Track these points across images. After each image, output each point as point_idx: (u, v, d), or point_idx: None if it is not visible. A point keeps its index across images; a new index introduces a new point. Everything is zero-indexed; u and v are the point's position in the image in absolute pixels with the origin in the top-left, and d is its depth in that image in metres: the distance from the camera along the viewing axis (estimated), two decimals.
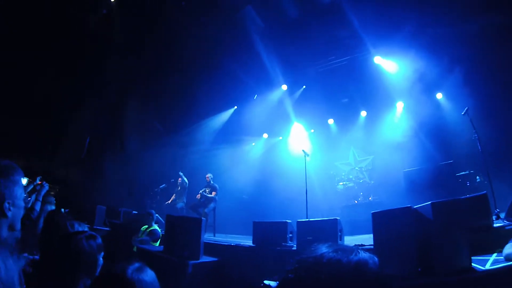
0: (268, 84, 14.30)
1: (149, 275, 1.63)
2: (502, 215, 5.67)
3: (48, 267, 2.28)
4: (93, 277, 2.07)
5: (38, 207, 5.31)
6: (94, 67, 13.22)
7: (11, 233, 1.90)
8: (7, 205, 1.73)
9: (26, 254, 3.42)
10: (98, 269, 2.27)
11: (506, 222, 5.22)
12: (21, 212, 1.88)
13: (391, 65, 12.29)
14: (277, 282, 1.08)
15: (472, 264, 3.84)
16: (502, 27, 9.33)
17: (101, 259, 2.31)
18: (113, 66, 13.46)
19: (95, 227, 9.49)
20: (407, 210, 4.37)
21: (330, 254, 0.99)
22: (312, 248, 1.05)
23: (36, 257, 3.43)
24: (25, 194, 5.53)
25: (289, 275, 1.01)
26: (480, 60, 9.96)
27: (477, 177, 8.81)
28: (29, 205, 5.26)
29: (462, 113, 7.54)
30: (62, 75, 12.74)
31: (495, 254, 4.24)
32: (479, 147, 7.16)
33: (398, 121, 12.94)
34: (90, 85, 13.59)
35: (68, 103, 13.48)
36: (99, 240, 2.34)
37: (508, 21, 9.16)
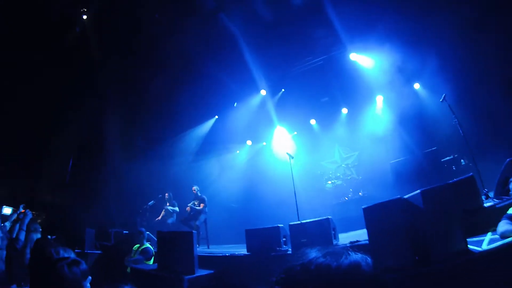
0: (248, 89, 14.34)
1: None
2: (491, 194, 5.73)
3: None
4: None
5: (22, 236, 5.17)
6: (72, 84, 13.00)
7: None
8: None
9: (14, 286, 3.32)
10: None
11: (496, 201, 5.27)
12: None
13: (367, 60, 12.46)
14: None
15: (468, 246, 3.84)
16: (472, 17, 9.56)
17: (87, 285, 2.20)
18: (91, 82, 13.29)
19: (86, 251, 9.28)
20: (397, 201, 4.36)
21: (319, 259, 0.93)
22: (300, 255, 0.99)
23: (26, 287, 3.32)
24: (10, 223, 5.38)
25: (275, 286, 0.95)
26: (453, 48, 10.22)
27: (462, 161, 8.94)
28: (14, 236, 5.12)
29: (440, 100, 7.65)
30: (41, 96, 12.45)
31: (489, 234, 4.27)
32: (460, 131, 7.26)
33: (379, 114, 13.06)
34: (68, 105, 13.34)
35: (47, 126, 13.19)
36: (84, 266, 2.24)
37: (476, 11, 9.40)
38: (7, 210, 7.66)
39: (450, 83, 9.81)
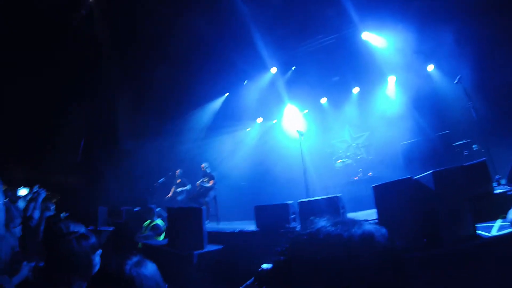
0: (258, 67, 14.18)
1: (149, 268, 1.57)
2: (503, 181, 5.68)
3: (49, 272, 2.24)
4: (88, 278, 2.01)
5: (36, 215, 5.32)
6: (82, 67, 13.04)
7: (5, 241, 1.86)
8: None
9: (25, 262, 3.39)
10: (94, 270, 2.21)
11: (508, 188, 5.22)
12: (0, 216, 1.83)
13: (380, 39, 12.21)
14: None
15: (477, 231, 3.84)
16: None
17: (96, 259, 2.26)
18: (101, 63, 13.30)
19: (99, 228, 9.48)
20: (407, 181, 4.34)
21: (328, 228, 0.86)
22: (308, 224, 0.92)
23: (40, 263, 3.41)
24: (25, 203, 5.51)
25: (280, 257, 0.91)
26: (471, 28, 9.87)
27: (474, 146, 8.81)
28: (28, 214, 5.26)
29: (455, 82, 7.52)
30: (51, 79, 12.54)
31: (499, 220, 4.24)
32: (474, 115, 7.16)
33: (391, 95, 12.91)
34: (79, 86, 13.42)
35: (59, 107, 13.32)
36: (93, 240, 2.29)
37: None
38: (23, 192, 7.85)
39: (466, 64, 9.54)
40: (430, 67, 11.84)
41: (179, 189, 11.82)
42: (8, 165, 11.53)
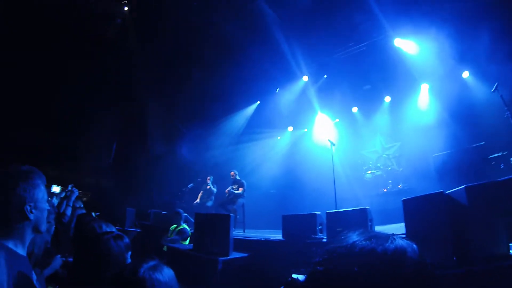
0: (290, 75, 14.24)
1: (165, 273, 1.60)
2: None
3: (80, 268, 2.32)
4: None
5: (68, 212, 5.51)
6: (117, 72, 13.47)
7: (40, 236, 1.94)
8: (28, 207, 1.76)
9: (59, 256, 3.51)
10: None
11: None
12: (44, 214, 1.91)
13: (411, 46, 11.94)
14: (305, 275, 0.99)
15: (511, 251, 3.67)
16: None
17: (129, 258, 2.33)
18: (134, 70, 13.68)
19: (126, 229, 9.72)
20: (439, 196, 4.22)
21: (363, 242, 0.90)
22: (342, 237, 0.96)
23: (70, 259, 3.53)
24: (57, 200, 5.73)
25: (318, 267, 0.92)
26: (506, 33, 9.49)
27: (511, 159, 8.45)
28: (61, 211, 5.46)
29: (492, 90, 7.28)
30: (87, 84, 13.03)
31: None
32: None
33: (424, 104, 12.59)
34: (114, 90, 13.85)
35: (93, 110, 13.78)
36: (126, 240, 2.36)
37: None
38: (55, 189, 8.16)
39: (503, 71, 9.16)
40: (466, 74, 11.42)
41: (206, 195, 11.89)
42: (43, 164, 11.98)
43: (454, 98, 11.19)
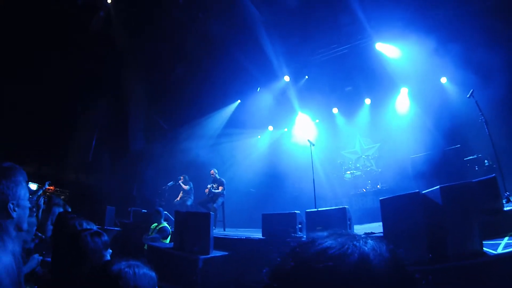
0: (271, 75, 14.21)
1: (142, 272, 1.59)
2: None
3: (57, 266, 2.31)
4: None
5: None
6: (97, 67, 13.23)
7: (19, 235, 1.92)
8: (11, 205, 1.73)
9: (37, 255, 3.47)
10: None
11: None
12: (26, 212, 1.88)
13: (393, 50, 12.17)
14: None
15: (484, 248, 3.80)
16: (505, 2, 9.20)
17: (107, 256, 2.32)
18: (115, 65, 13.47)
19: (105, 227, 9.55)
20: (415, 196, 4.34)
21: (332, 239, 0.83)
22: (313, 234, 0.88)
23: (47, 258, 3.48)
24: (33, 197, 5.61)
25: (283, 265, 0.84)
26: (484, 40, 9.77)
27: (486, 161, 8.70)
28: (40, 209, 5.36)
29: (468, 96, 7.46)
30: (66, 79, 12.76)
31: (506, 238, 4.20)
32: (487, 130, 7.08)
33: (403, 107, 12.84)
34: (93, 86, 13.62)
35: (72, 106, 13.53)
36: (105, 237, 2.35)
37: None
38: (32, 186, 7.95)
39: (478, 77, 9.45)
40: (443, 80, 11.73)
41: (186, 194, 11.79)
42: (20, 160, 11.72)
43: (432, 102, 11.46)
